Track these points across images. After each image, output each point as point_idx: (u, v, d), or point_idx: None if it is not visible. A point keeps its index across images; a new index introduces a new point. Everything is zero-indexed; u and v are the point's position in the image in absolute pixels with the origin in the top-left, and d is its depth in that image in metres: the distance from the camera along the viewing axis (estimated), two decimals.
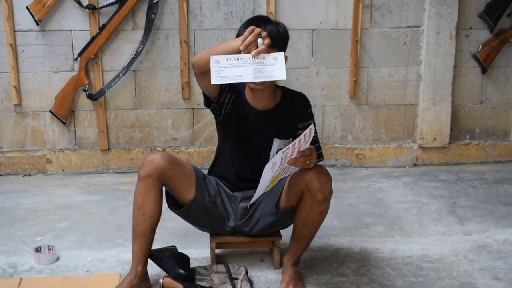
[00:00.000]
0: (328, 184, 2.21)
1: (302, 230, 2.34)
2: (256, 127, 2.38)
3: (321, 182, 2.19)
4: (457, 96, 4.10)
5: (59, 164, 3.90)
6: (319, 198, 2.21)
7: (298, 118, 2.41)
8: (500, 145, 4.21)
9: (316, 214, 2.27)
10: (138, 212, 2.28)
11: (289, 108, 2.40)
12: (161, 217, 2.33)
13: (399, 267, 2.59)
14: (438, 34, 3.92)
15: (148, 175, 2.24)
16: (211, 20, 3.82)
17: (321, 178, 2.19)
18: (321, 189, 2.19)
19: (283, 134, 2.39)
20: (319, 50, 3.93)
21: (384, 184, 3.75)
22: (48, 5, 3.63)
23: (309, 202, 2.24)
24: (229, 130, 2.40)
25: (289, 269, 2.40)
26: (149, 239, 2.32)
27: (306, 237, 2.37)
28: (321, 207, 2.25)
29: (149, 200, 2.26)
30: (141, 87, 3.88)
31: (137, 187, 2.27)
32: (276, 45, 2.19)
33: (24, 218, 3.14)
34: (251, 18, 2.30)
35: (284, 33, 2.27)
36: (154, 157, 2.25)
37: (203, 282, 2.34)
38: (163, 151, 3.81)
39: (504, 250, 2.78)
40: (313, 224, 2.31)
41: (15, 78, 3.74)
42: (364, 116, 4.06)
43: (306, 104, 2.44)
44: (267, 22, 2.24)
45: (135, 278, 2.29)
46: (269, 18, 2.33)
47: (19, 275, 2.49)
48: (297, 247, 2.40)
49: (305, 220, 2.30)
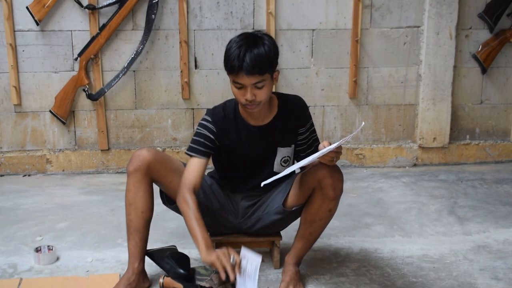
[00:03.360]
0: (340, 182, 2.21)
1: (309, 228, 2.33)
2: (257, 142, 2.33)
3: (334, 179, 2.19)
4: (457, 96, 4.10)
5: (59, 164, 3.90)
6: (330, 195, 2.21)
7: (298, 124, 2.38)
8: (500, 145, 4.21)
9: (325, 212, 2.27)
10: (130, 208, 2.29)
11: (288, 116, 2.35)
12: (161, 216, 2.33)
13: (399, 267, 2.59)
14: (438, 34, 3.92)
15: (136, 169, 2.26)
16: (211, 20, 3.82)
17: (334, 176, 2.19)
18: (333, 186, 2.19)
19: (285, 142, 2.37)
20: (319, 50, 3.93)
21: (384, 184, 3.75)
22: (48, 5, 3.63)
23: (319, 198, 2.24)
24: (231, 152, 2.36)
25: (290, 269, 2.39)
26: (144, 235, 2.32)
27: (312, 236, 2.37)
28: (331, 204, 2.25)
29: (139, 195, 2.27)
30: (141, 87, 3.88)
31: (127, 183, 2.29)
32: (266, 69, 2.13)
33: (24, 218, 3.14)
34: (239, 41, 2.15)
35: (273, 53, 2.15)
36: (141, 152, 2.28)
37: (203, 282, 2.33)
38: (163, 151, 3.81)
39: (504, 250, 2.78)
40: (320, 222, 2.31)
41: (15, 78, 3.74)
42: (364, 116, 4.05)
43: (303, 108, 2.40)
44: (253, 46, 2.12)
45: (132, 275, 2.29)
46: (255, 36, 2.17)
47: (19, 275, 2.49)
48: (301, 246, 2.39)
49: (313, 217, 2.29)
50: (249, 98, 2.15)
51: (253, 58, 2.10)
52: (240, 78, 2.13)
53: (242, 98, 2.17)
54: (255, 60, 2.10)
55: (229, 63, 2.14)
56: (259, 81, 2.14)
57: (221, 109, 2.34)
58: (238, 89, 2.17)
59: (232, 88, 2.20)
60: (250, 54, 2.10)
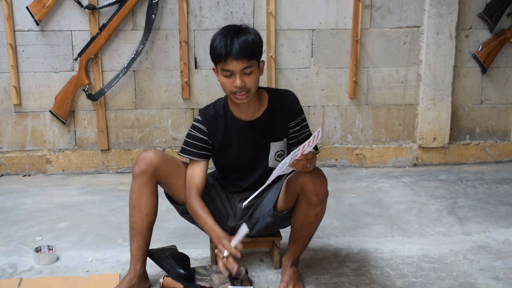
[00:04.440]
0: (323, 186, 2.20)
1: (300, 232, 2.34)
2: (248, 137, 2.34)
3: (316, 185, 2.18)
4: (457, 96, 4.10)
5: (59, 164, 3.91)
6: (313, 201, 2.20)
7: (288, 117, 2.37)
8: (500, 145, 4.21)
9: (312, 217, 2.27)
10: (134, 210, 2.29)
11: (278, 110, 2.35)
12: (161, 216, 2.33)
13: (399, 267, 2.59)
14: (438, 34, 3.92)
15: (142, 172, 2.25)
16: (211, 20, 3.82)
17: (315, 181, 2.18)
18: (316, 192, 2.18)
19: (277, 137, 2.37)
20: (319, 50, 3.93)
21: (384, 184, 3.75)
22: (48, 5, 3.63)
23: (304, 204, 2.24)
24: (223, 152, 2.38)
25: (288, 270, 2.40)
26: (147, 237, 2.32)
27: (304, 239, 2.37)
28: (317, 209, 2.24)
29: (144, 198, 2.27)
30: (141, 87, 3.88)
31: (132, 185, 2.28)
32: (254, 55, 2.18)
33: (24, 218, 3.14)
34: (223, 31, 2.20)
35: (258, 40, 2.22)
36: (148, 154, 2.27)
37: (203, 282, 2.34)
38: (163, 151, 3.82)
39: (504, 250, 2.78)
40: (309, 226, 2.31)
41: (15, 78, 3.74)
42: (364, 116, 4.06)
43: (294, 102, 2.38)
44: (239, 33, 2.17)
45: (134, 277, 2.29)
46: (238, 27, 2.23)
47: (19, 275, 2.49)
48: (295, 248, 2.40)
49: (302, 222, 2.30)
50: (239, 84, 2.16)
51: (241, 43, 2.14)
52: (229, 64, 2.15)
53: (232, 86, 2.18)
54: (243, 45, 2.15)
55: (217, 51, 2.16)
56: (247, 66, 2.16)
57: (211, 107, 2.37)
58: (227, 78, 2.18)
59: (221, 79, 2.21)
60: (238, 40, 2.15)
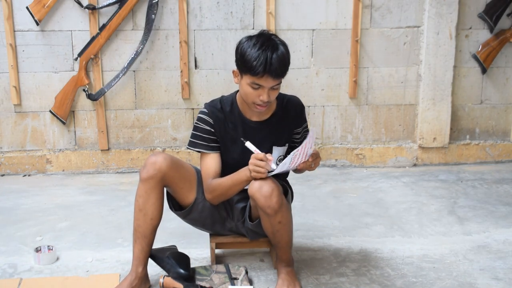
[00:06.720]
0: (272, 197, 2.15)
1: (274, 239, 2.33)
2: (253, 137, 2.32)
3: (265, 198, 2.15)
4: (457, 96, 4.10)
5: (59, 164, 3.90)
6: (269, 213, 2.18)
7: (294, 124, 2.41)
8: (500, 145, 4.21)
9: (276, 225, 2.25)
10: (139, 213, 2.28)
11: (286, 115, 2.38)
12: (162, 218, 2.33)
13: (399, 267, 2.59)
14: (438, 34, 3.92)
15: (150, 177, 2.24)
16: (211, 20, 3.82)
17: (263, 193, 2.14)
18: (267, 205, 2.16)
19: (281, 142, 2.38)
20: (319, 50, 3.93)
21: (384, 184, 3.75)
22: (48, 5, 3.63)
23: (264, 216, 2.23)
24: (226, 148, 2.37)
25: (283, 270, 2.39)
26: (150, 241, 2.32)
27: (282, 244, 2.34)
28: (277, 217, 2.21)
29: (150, 202, 2.27)
30: (141, 87, 3.88)
31: (139, 189, 2.27)
32: (286, 73, 2.20)
33: (24, 218, 3.14)
34: (257, 42, 2.17)
35: (289, 55, 2.22)
36: (157, 159, 2.25)
37: (203, 282, 2.34)
38: (163, 151, 3.82)
39: (504, 250, 2.78)
40: (280, 233, 2.29)
41: (15, 78, 3.74)
42: (364, 116, 4.06)
43: (301, 109, 2.43)
44: (276, 49, 2.15)
45: (135, 279, 2.29)
46: (270, 40, 2.19)
47: (19, 275, 2.49)
48: (280, 252, 2.38)
49: (271, 230, 2.29)
50: (266, 100, 2.19)
51: (280, 62, 2.15)
52: (263, 81, 2.15)
53: (257, 98, 2.19)
54: (281, 64, 2.16)
55: (253, 66, 2.13)
56: (279, 83, 2.20)
57: (218, 102, 2.37)
58: (254, 89, 2.18)
59: (246, 88, 2.20)
60: (277, 58, 2.15)
